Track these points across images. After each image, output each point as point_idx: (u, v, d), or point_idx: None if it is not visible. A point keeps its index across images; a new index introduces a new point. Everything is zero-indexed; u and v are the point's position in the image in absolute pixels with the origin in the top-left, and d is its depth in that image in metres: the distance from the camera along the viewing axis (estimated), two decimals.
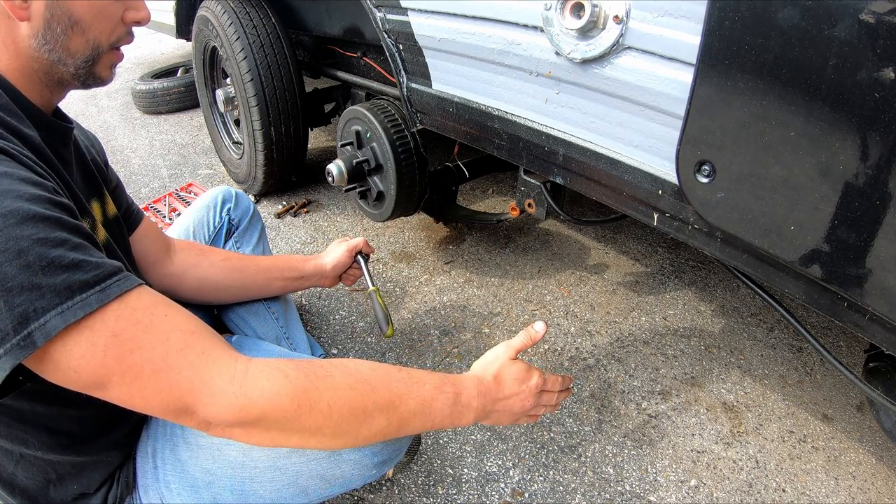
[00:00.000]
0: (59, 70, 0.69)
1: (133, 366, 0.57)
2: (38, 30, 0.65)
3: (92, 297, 0.54)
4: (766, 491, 1.14)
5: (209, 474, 0.79)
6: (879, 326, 0.71)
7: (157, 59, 4.53)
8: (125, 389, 0.57)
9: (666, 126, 0.84)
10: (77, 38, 0.67)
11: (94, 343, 0.55)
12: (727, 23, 0.67)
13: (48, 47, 0.66)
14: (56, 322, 0.52)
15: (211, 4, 1.99)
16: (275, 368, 0.63)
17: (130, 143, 2.99)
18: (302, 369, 0.65)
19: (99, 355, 0.55)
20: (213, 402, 0.59)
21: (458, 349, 1.51)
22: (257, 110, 1.91)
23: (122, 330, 0.56)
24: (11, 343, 0.51)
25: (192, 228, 1.22)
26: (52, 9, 0.64)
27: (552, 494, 1.14)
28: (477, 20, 1.06)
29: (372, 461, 0.79)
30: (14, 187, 0.53)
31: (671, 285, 1.75)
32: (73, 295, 0.53)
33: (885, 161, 0.59)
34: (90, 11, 0.67)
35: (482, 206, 2.22)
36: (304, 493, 0.80)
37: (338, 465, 0.78)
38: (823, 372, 1.43)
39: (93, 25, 0.68)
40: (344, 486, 0.81)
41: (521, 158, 1.15)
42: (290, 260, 1.23)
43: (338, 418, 0.65)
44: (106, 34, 0.69)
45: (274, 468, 0.78)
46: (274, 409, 0.61)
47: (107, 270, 0.57)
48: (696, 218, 0.85)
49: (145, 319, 0.58)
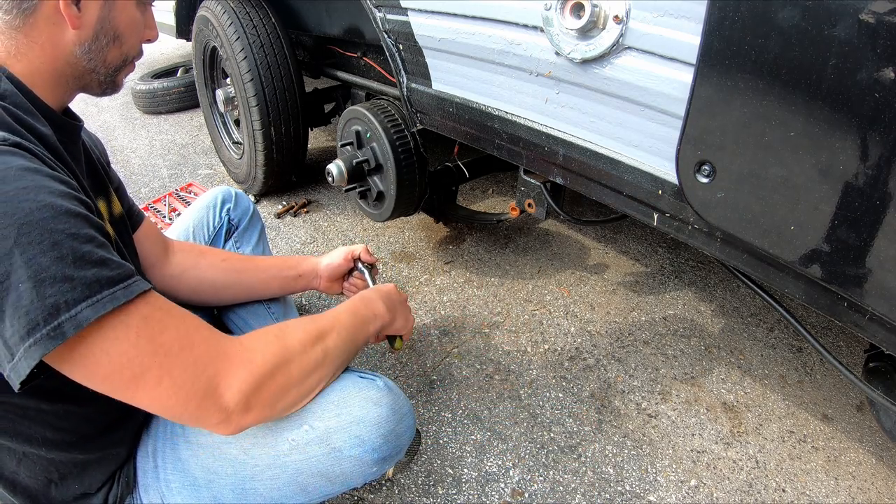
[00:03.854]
0: (89, 77, 0.73)
1: (164, 344, 0.61)
2: (86, 39, 0.69)
3: (119, 291, 0.57)
4: (766, 491, 1.14)
5: (210, 473, 0.79)
6: (879, 326, 0.71)
7: (157, 59, 4.53)
8: (155, 373, 0.61)
9: (666, 126, 0.84)
10: (115, 51, 0.73)
11: (128, 326, 0.58)
12: (727, 23, 0.67)
13: (90, 56, 0.71)
14: (88, 313, 0.54)
15: (211, 4, 1.99)
16: (255, 333, 0.75)
17: (130, 143, 2.99)
18: (270, 328, 0.77)
19: (132, 337, 0.59)
20: (229, 369, 0.66)
21: (458, 349, 1.51)
22: (257, 110, 1.91)
23: (150, 314, 0.61)
24: (42, 333, 0.53)
25: (191, 228, 1.22)
26: (103, 21, 0.70)
27: (552, 494, 1.14)
28: (477, 20, 1.06)
29: (372, 458, 0.79)
30: (45, 183, 0.56)
31: (671, 285, 1.75)
32: (101, 289, 0.56)
33: (885, 161, 0.59)
34: (130, 26, 0.73)
35: (482, 206, 2.22)
36: (304, 492, 0.80)
37: (338, 462, 0.78)
38: (823, 372, 1.43)
39: (129, 40, 0.74)
40: (345, 484, 0.81)
41: (521, 158, 1.15)
42: (288, 259, 1.23)
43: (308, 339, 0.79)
44: (134, 48, 0.76)
45: (274, 466, 0.78)
46: (276, 359, 0.71)
47: (128, 270, 0.60)
48: (696, 218, 0.85)
49: (166, 306, 0.64)
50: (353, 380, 0.84)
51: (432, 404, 1.34)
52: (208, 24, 2.01)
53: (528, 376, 1.42)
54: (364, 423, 0.79)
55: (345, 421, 0.79)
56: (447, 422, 1.30)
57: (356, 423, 0.79)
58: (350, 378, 0.84)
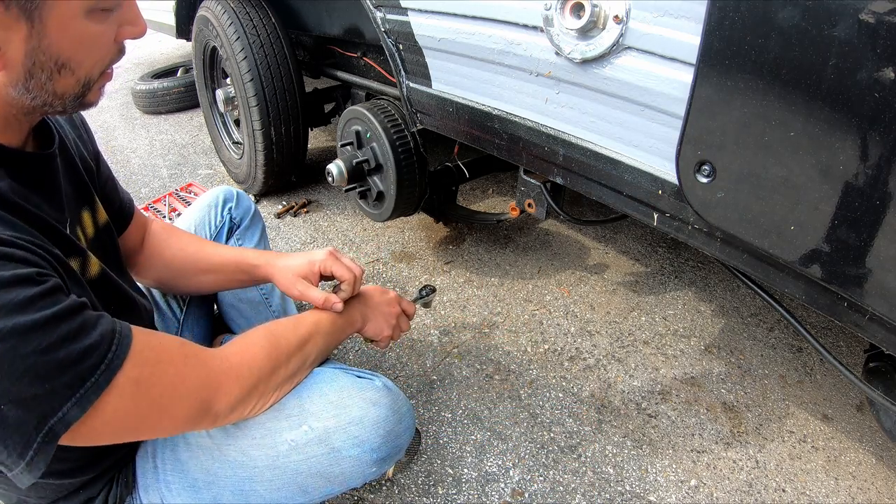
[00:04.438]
0: (45, 109, 0.63)
1: (158, 396, 0.63)
2: (19, 80, 0.57)
3: (101, 377, 0.57)
4: (766, 491, 1.14)
5: (209, 474, 0.79)
6: (879, 326, 0.71)
7: (157, 59, 4.53)
8: (155, 417, 0.64)
9: (666, 126, 0.84)
10: (66, 80, 0.60)
11: (121, 396, 0.59)
12: (727, 23, 0.67)
13: (32, 94, 0.59)
14: (75, 413, 0.55)
15: (211, 4, 1.99)
16: (233, 340, 0.78)
17: (130, 143, 2.99)
18: (256, 335, 0.79)
19: (128, 401, 0.60)
20: (220, 388, 0.69)
21: (458, 349, 1.51)
22: (257, 110, 1.91)
23: (140, 374, 0.61)
24: (37, 443, 0.53)
25: (193, 228, 1.22)
26: (34, 55, 0.56)
27: (552, 494, 1.14)
28: (477, 20, 1.06)
29: (371, 458, 0.80)
30: (2, 297, 0.51)
31: (671, 285, 1.75)
32: (83, 383, 0.55)
33: (885, 161, 0.59)
34: (79, 47, 0.58)
35: (482, 206, 2.22)
36: (304, 492, 0.80)
37: (337, 462, 0.78)
38: (823, 372, 1.43)
39: (83, 62, 0.60)
40: (344, 484, 0.81)
41: (521, 158, 1.15)
42: (245, 260, 1.05)
43: (292, 346, 0.81)
44: (99, 65, 0.62)
45: (273, 467, 0.78)
46: (263, 372, 0.75)
47: (106, 341, 0.58)
48: (696, 218, 0.85)
49: (152, 356, 0.63)
50: (351, 380, 0.84)
51: (432, 404, 1.34)
52: (208, 24, 2.01)
53: (528, 376, 1.42)
54: (363, 424, 0.79)
55: (343, 421, 0.79)
56: (447, 422, 1.30)
57: (355, 424, 0.79)
58: (348, 378, 0.84)
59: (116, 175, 0.97)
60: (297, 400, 0.81)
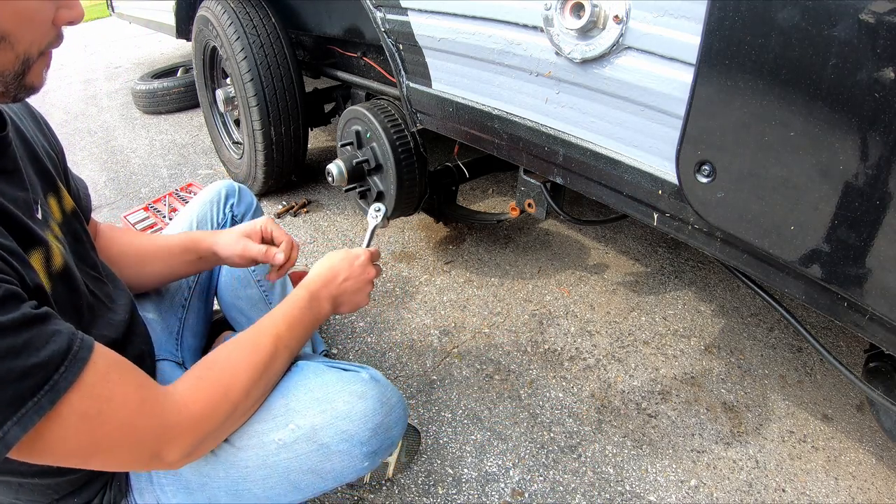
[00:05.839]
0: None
1: (105, 437, 0.60)
2: None
3: (44, 398, 0.54)
4: (766, 491, 1.14)
5: (202, 476, 0.79)
6: (879, 326, 0.71)
7: (157, 59, 4.53)
8: (101, 457, 0.62)
9: (666, 126, 0.84)
10: (5, 55, 0.57)
11: (65, 427, 0.56)
12: (727, 23, 0.67)
13: None
14: (16, 432, 0.52)
15: (211, 4, 1.99)
16: (190, 379, 0.72)
17: (130, 143, 2.99)
18: (218, 369, 0.74)
19: (72, 438, 0.57)
20: (173, 441, 0.66)
21: (458, 349, 1.51)
22: (257, 110, 1.91)
23: (88, 408, 0.58)
24: None
25: (194, 224, 1.20)
26: None
27: (552, 494, 1.14)
28: (477, 20, 1.06)
29: (361, 451, 0.78)
30: None
31: (671, 285, 1.75)
32: (24, 402, 0.53)
33: (885, 161, 0.59)
34: (17, 21, 0.56)
35: (482, 206, 2.22)
36: (296, 489, 0.79)
37: (327, 458, 0.78)
38: (823, 372, 1.43)
39: (23, 37, 0.58)
40: (336, 479, 0.80)
41: (521, 158, 1.15)
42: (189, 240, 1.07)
43: (253, 378, 0.76)
44: (37, 42, 0.60)
45: (264, 466, 0.78)
46: (220, 415, 0.71)
47: (55, 362, 0.55)
48: (696, 218, 0.85)
49: (104, 391, 0.60)
50: (337, 374, 0.82)
51: (432, 404, 1.35)
52: (208, 24, 2.01)
53: (528, 376, 1.42)
54: (350, 418, 0.78)
55: (330, 417, 0.78)
56: (447, 422, 1.30)
57: (342, 419, 0.78)
58: (334, 373, 0.83)
59: (117, 175, 0.96)
60: (282, 399, 0.80)
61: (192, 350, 1.13)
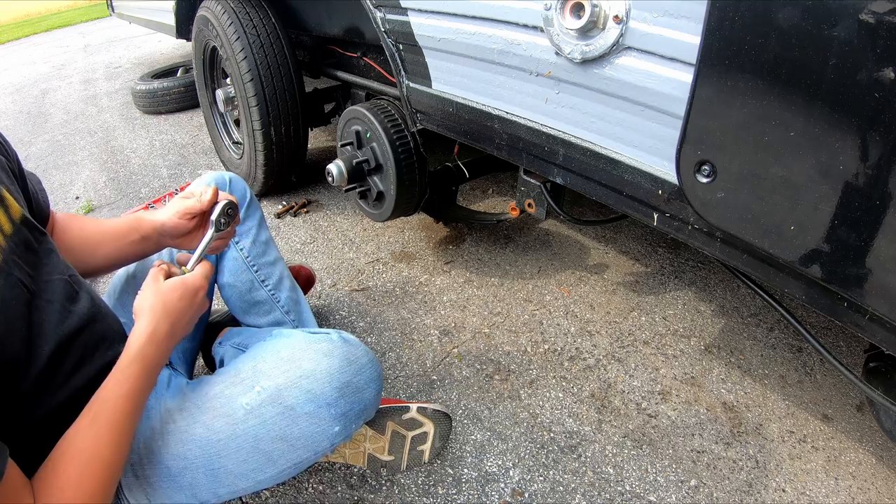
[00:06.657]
0: None
1: None
2: None
3: None
4: (766, 491, 1.14)
5: (180, 459, 0.78)
6: (879, 326, 0.71)
7: (157, 59, 4.53)
8: None
9: (666, 126, 0.84)
10: None
11: None
12: (727, 23, 0.67)
13: None
14: None
15: (211, 4, 1.99)
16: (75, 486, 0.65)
17: (130, 143, 2.99)
18: (80, 462, 0.66)
19: None
20: None
21: (458, 349, 1.51)
22: (257, 110, 1.91)
23: None
24: None
25: None
26: None
27: (552, 494, 1.14)
28: (477, 20, 1.06)
29: (329, 413, 0.76)
30: None
31: (671, 285, 1.75)
32: None
33: (885, 161, 0.59)
34: None
35: (482, 206, 2.22)
36: (270, 461, 0.78)
37: (294, 421, 0.76)
38: (823, 372, 1.43)
39: None
40: (307, 447, 0.78)
41: (521, 158, 1.15)
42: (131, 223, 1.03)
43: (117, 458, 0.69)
44: None
45: (234, 436, 0.76)
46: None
47: None
48: (696, 218, 0.85)
49: None
50: (305, 336, 0.81)
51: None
52: (208, 24, 2.01)
53: (528, 376, 1.42)
54: (314, 377, 0.76)
55: (294, 376, 0.76)
56: None
57: (306, 377, 0.76)
58: (302, 335, 0.81)
59: (117, 175, 0.96)
60: (251, 362, 0.79)
61: (183, 351, 1.12)
